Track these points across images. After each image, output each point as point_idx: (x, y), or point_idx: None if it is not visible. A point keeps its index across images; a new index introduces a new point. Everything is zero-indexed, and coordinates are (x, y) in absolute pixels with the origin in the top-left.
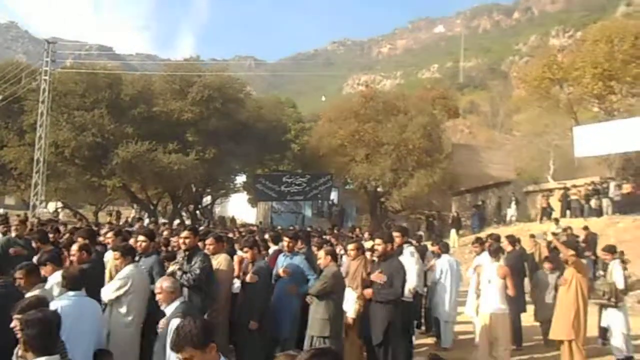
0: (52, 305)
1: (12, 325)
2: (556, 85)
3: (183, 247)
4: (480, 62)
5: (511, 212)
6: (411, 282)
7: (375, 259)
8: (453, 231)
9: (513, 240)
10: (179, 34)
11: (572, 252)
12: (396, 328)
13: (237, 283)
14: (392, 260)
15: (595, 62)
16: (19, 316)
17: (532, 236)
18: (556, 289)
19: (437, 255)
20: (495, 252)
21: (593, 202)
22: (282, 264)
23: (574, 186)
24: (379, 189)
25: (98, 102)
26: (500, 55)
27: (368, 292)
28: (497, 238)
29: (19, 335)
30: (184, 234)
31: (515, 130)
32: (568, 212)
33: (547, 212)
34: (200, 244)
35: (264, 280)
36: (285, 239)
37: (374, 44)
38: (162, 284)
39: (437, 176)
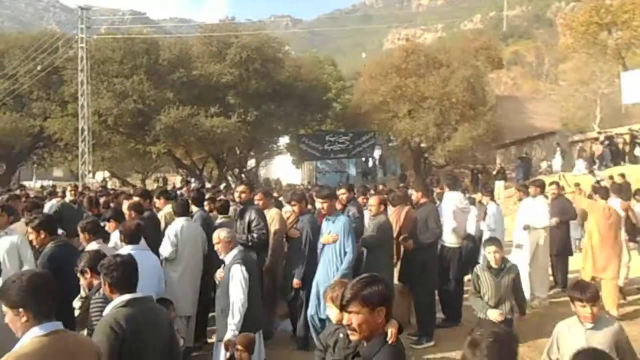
0: None
1: (79, 277)
2: (604, 31)
3: (238, 200)
4: (525, 10)
5: (556, 162)
6: (451, 225)
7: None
8: (498, 183)
9: (559, 186)
10: None
11: None
12: (431, 270)
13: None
14: (426, 206)
15: None
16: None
17: (577, 184)
18: None
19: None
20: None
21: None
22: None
23: (619, 134)
24: (422, 145)
25: (136, 69)
26: (546, 2)
27: (409, 244)
28: (541, 184)
29: (101, 281)
30: (240, 188)
31: (561, 80)
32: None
33: (592, 162)
34: None
35: (307, 236)
36: (319, 200)
37: None
38: (220, 234)
39: (481, 129)
